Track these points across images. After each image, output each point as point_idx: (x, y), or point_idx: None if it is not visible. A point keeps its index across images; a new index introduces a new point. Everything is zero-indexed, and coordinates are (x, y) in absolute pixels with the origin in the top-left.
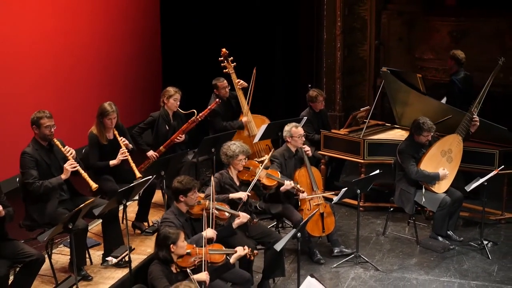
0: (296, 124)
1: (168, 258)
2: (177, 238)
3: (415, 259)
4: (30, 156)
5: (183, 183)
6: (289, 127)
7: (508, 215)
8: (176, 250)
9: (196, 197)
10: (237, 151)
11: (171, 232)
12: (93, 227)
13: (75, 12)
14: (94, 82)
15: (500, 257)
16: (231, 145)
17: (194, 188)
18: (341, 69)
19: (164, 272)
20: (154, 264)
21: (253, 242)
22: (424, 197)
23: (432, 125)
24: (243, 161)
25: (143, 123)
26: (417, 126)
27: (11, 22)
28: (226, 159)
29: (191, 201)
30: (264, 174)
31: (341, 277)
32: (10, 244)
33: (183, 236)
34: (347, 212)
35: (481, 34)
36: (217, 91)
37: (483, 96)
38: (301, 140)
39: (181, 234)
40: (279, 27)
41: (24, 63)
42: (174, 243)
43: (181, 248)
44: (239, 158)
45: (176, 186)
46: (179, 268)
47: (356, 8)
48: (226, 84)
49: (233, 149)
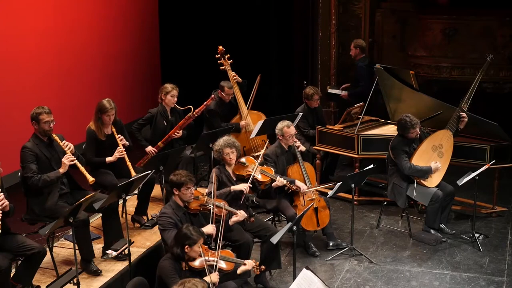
0: (288, 124)
1: (181, 256)
2: (195, 243)
3: (408, 252)
4: (30, 150)
5: (178, 176)
6: (281, 125)
7: (499, 209)
8: (190, 252)
9: (190, 193)
10: (221, 145)
11: (193, 234)
12: (94, 220)
13: (75, 10)
14: (94, 78)
15: (491, 249)
16: (218, 141)
17: (187, 184)
18: (336, 66)
19: (176, 270)
20: (166, 259)
21: (251, 236)
22: (416, 191)
23: (416, 120)
24: (231, 154)
25: (141, 119)
26: (402, 126)
27: (13, 21)
28: (217, 155)
29: (184, 196)
30: (259, 170)
31: (336, 269)
32: (12, 238)
33: (201, 242)
34: (342, 206)
35: (472, 32)
36: (220, 93)
37: (473, 92)
38: (292, 139)
39: (200, 240)
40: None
41: (26, 61)
42: (190, 246)
43: (195, 252)
44: (225, 151)
45: (171, 178)
46: (188, 267)
47: (350, 7)
48: (232, 92)
49: (218, 144)
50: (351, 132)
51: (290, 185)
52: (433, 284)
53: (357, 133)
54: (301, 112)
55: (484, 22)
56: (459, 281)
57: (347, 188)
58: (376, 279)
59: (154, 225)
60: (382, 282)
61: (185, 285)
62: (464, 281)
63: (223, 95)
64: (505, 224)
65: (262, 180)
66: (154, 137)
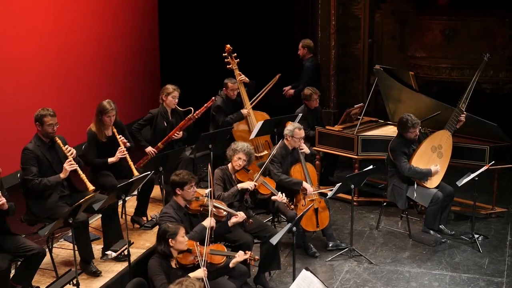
0: (300, 126)
1: (167, 253)
2: (176, 233)
3: (408, 253)
4: (31, 152)
5: (180, 176)
6: (292, 127)
7: (499, 210)
8: (176, 244)
9: (193, 192)
10: (240, 148)
11: (170, 226)
12: (93, 221)
13: (75, 11)
14: (94, 79)
15: (490, 250)
16: (240, 142)
17: (190, 182)
18: (335, 67)
19: (163, 267)
20: (153, 258)
21: (251, 236)
22: (416, 193)
23: (417, 121)
24: (241, 161)
25: (142, 119)
26: (402, 125)
27: (13, 22)
28: (230, 152)
29: (187, 195)
30: (261, 180)
31: (335, 270)
32: (11, 238)
33: (183, 231)
34: (341, 207)
35: (472, 33)
36: (225, 90)
37: (470, 92)
38: (300, 142)
39: (180, 229)
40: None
41: (26, 61)
42: (172, 238)
43: (181, 243)
44: (239, 155)
45: (173, 179)
46: (178, 265)
47: (350, 7)
48: (237, 87)
49: (238, 145)
50: (350, 133)
51: (289, 204)
52: (432, 285)
53: (357, 134)
54: (301, 113)
55: (484, 22)
56: (458, 282)
57: (347, 189)
58: (376, 280)
59: (153, 226)
60: (382, 283)
61: (182, 283)
62: (464, 282)
63: (228, 91)
64: (504, 225)
65: (262, 192)
66: (154, 138)
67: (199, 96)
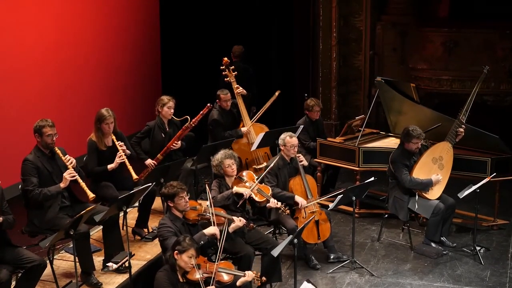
0: (291, 134)
1: (170, 262)
2: (185, 251)
3: (409, 265)
4: (32, 163)
5: (169, 188)
6: (284, 135)
7: (500, 222)
8: (179, 260)
9: (185, 202)
10: (221, 157)
11: (185, 241)
12: (94, 233)
13: (77, 24)
14: (94, 91)
15: (492, 262)
16: (216, 156)
17: (179, 193)
18: (337, 78)
19: (171, 281)
20: (162, 271)
21: (252, 248)
22: (418, 204)
23: (421, 132)
24: (232, 166)
25: (140, 132)
26: (406, 134)
27: (15, 35)
28: (216, 170)
29: (180, 206)
30: (256, 188)
31: (337, 282)
32: (12, 250)
33: (191, 253)
34: (343, 219)
35: (472, 45)
36: (219, 102)
37: (470, 104)
38: (294, 150)
39: (191, 250)
40: (276, 37)
41: (27, 74)
42: (179, 252)
43: (184, 262)
44: (225, 163)
45: (162, 191)
46: (185, 279)
47: (351, 19)
48: (229, 97)
49: (217, 158)
50: (352, 145)
51: (284, 208)
52: None
53: (358, 145)
54: (302, 124)
55: (484, 35)
56: None
57: (348, 201)
58: None
59: (154, 237)
60: None
61: None
62: None
63: (221, 103)
64: (506, 237)
65: (259, 200)
66: (152, 149)
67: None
